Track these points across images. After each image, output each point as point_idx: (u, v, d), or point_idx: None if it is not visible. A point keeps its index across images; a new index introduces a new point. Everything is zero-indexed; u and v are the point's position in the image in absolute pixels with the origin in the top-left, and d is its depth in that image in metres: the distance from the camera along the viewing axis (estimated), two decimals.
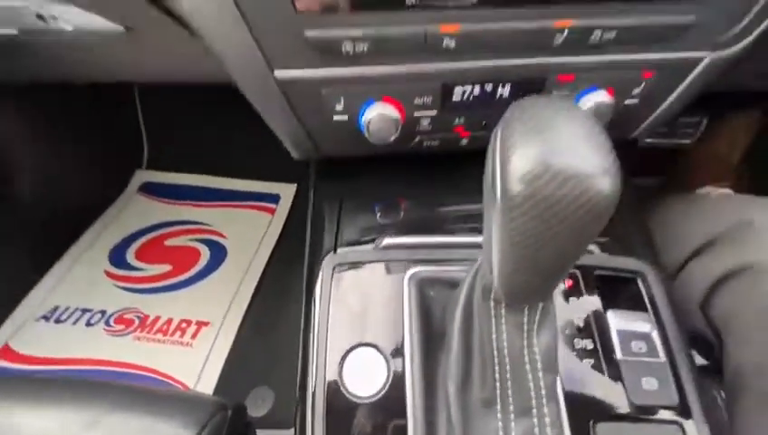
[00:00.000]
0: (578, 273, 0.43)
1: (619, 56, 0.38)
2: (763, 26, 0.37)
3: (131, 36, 0.42)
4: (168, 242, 1.15)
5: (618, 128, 0.45)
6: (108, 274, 1.06)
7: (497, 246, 0.26)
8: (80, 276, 1.04)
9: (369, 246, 0.42)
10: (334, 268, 0.41)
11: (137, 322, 0.96)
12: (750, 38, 0.38)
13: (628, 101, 0.42)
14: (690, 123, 1.12)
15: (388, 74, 0.37)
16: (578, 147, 0.22)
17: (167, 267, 1.08)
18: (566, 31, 0.35)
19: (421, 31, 0.34)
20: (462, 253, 0.41)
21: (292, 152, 0.45)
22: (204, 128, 1.25)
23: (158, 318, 0.96)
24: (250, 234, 1.16)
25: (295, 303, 0.49)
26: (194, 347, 0.91)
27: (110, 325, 0.95)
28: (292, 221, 1.21)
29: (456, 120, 0.42)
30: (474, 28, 0.34)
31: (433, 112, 0.41)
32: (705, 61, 0.39)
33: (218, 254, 1.13)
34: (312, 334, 0.39)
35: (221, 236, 1.16)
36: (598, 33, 0.36)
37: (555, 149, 0.22)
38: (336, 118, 0.40)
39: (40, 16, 0.38)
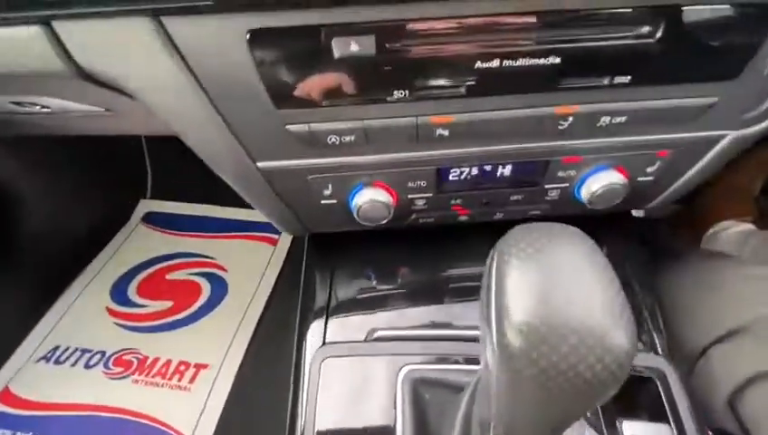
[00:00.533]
0: None
1: (631, 138, 0.35)
2: None
3: (116, 114, 0.40)
4: (170, 276, 1.14)
5: (629, 202, 0.41)
6: (109, 311, 1.05)
7: (494, 390, 0.23)
8: (81, 314, 1.03)
9: (361, 335, 0.40)
10: (323, 361, 0.38)
11: (135, 363, 0.94)
12: None
13: (641, 179, 0.39)
14: None
15: (377, 163, 0.35)
16: (586, 297, 0.19)
17: (168, 304, 1.07)
18: (571, 118, 0.32)
19: (412, 123, 0.32)
20: (463, 348, 0.38)
21: (279, 229, 0.43)
22: None
23: (156, 360, 0.95)
24: (252, 266, 1.14)
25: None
26: (192, 392, 0.89)
27: (108, 368, 0.94)
28: (294, 252, 1.19)
29: (454, 200, 0.39)
30: (468, 119, 0.32)
31: (428, 195, 0.38)
32: (727, 139, 0.36)
33: (219, 288, 1.12)
34: (298, 427, 0.37)
35: (222, 269, 1.14)
36: (606, 118, 0.33)
37: (557, 297, 0.19)
38: (324, 202, 0.38)
39: (17, 103, 0.37)
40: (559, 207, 0.41)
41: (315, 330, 0.41)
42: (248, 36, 0.26)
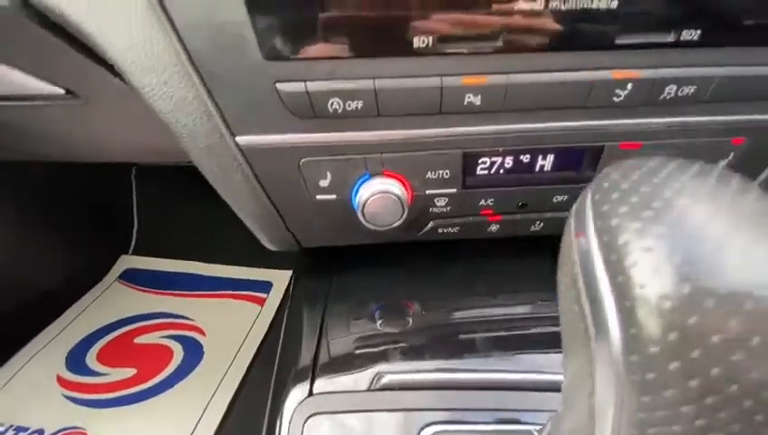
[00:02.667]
0: None
1: (701, 117, 0.29)
2: None
3: (85, 110, 0.34)
4: (139, 339, 0.99)
5: None
6: (60, 380, 0.89)
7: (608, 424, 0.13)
8: (27, 383, 0.88)
9: (363, 384, 0.28)
10: (308, 419, 0.27)
11: None
12: None
13: None
14: None
15: (389, 141, 0.27)
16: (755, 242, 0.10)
17: (130, 372, 0.91)
18: (630, 85, 0.26)
19: (436, 84, 0.25)
20: (500, 399, 0.27)
21: (264, 243, 0.34)
22: (199, 209, 1.17)
23: None
24: (234, 329, 1.01)
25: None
26: None
27: None
28: (283, 313, 1.06)
29: (483, 200, 0.31)
30: (505, 81, 0.25)
31: (452, 190, 0.30)
32: None
33: (193, 355, 0.97)
34: None
35: (200, 332, 1.01)
36: (672, 87, 0.27)
37: (718, 249, 0.10)
38: (320, 197, 0.29)
39: None
40: None
41: (299, 377, 0.30)
42: None
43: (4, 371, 0.90)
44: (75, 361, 0.94)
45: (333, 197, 0.30)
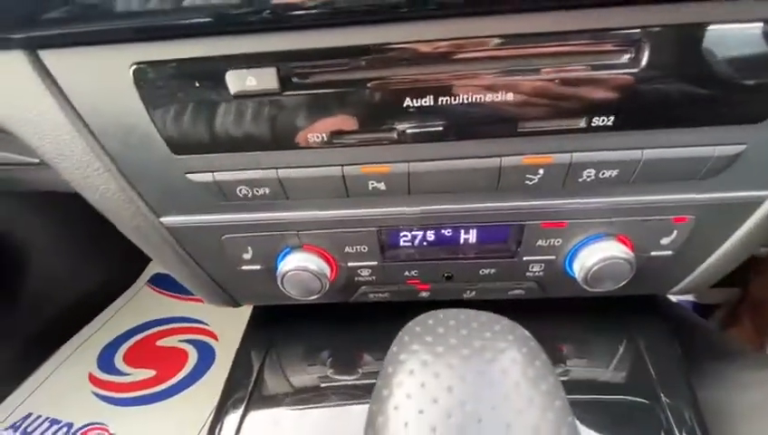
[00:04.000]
0: None
1: (631, 198, 0.27)
2: None
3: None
4: (160, 342, 1.08)
5: (645, 284, 0.31)
6: (91, 378, 0.99)
7: None
8: (62, 381, 0.98)
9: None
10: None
11: None
12: None
13: (655, 253, 0.29)
14: None
15: (303, 221, 0.28)
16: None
17: (150, 373, 1.00)
18: (541, 170, 0.25)
19: (337, 173, 0.26)
20: None
21: (205, 301, 0.36)
22: None
23: None
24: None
25: None
26: None
27: None
28: None
29: (407, 271, 0.31)
30: (408, 169, 0.25)
31: (373, 263, 0.31)
32: None
33: (207, 357, 1.04)
34: None
35: (213, 336, 1.07)
36: (590, 172, 0.25)
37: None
38: (245, 268, 0.31)
39: None
40: (549, 286, 0.32)
41: (228, 426, 0.32)
42: (133, 70, 0.23)
43: (45, 367, 1.01)
44: (106, 361, 1.03)
45: (258, 267, 0.31)
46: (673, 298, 0.84)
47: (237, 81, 0.22)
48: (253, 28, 0.21)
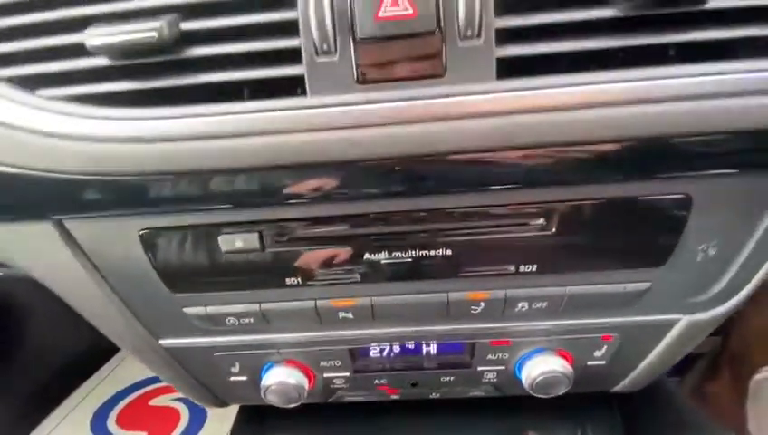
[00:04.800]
0: None
1: (563, 321, 0.31)
2: (748, 290, 0.29)
3: None
4: (153, 402, 1.09)
5: (591, 383, 0.35)
6: None
7: None
8: None
9: None
10: None
11: None
12: (735, 300, 0.30)
13: (591, 363, 0.33)
14: None
15: (284, 342, 0.33)
16: None
17: None
18: (482, 303, 0.30)
19: (311, 306, 0.30)
20: None
21: (195, 400, 0.40)
22: None
23: None
24: None
25: None
26: None
27: None
28: None
29: (377, 380, 0.35)
30: (370, 302, 0.30)
31: (346, 374, 0.35)
32: (682, 323, 0.31)
33: (198, 416, 1.04)
34: None
35: None
36: (524, 304, 0.30)
37: None
38: (233, 379, 0.35)
39: None
40: (504, 388, 0.36)
41: None
42: (140, 234, 0.28)
43: (40, 430, 1.01)
44: (98, 424, 1.04)
45: (244, 378, 0.35)
46: None
47: (227, 242, 0.27)
48: (241, 204, 0.26)
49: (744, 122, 0.21)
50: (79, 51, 0.22)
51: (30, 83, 0.24)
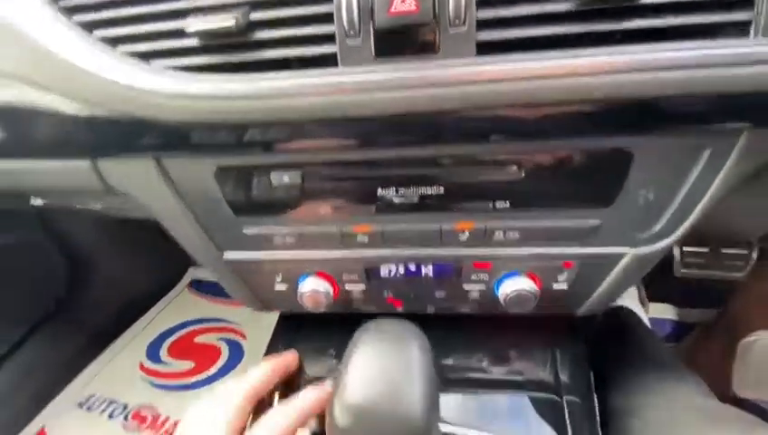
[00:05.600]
0: None
1: (531, 249, 0.40)
2: (685, 226, 0.37)
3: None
4: (198, 339, 1.25)
5: (557, 305, 0.44)
6: (141, 367, 1.17)
7: None
8: (117, 368, 1.17)
9: None
10: None
11: (149, 419, 1.02)
12: (674, 236, 0.38)
13: (556, 286, 0.42)
14: (738, 255, 1.00)
15: (315, 259, 0.43)
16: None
17: (190, 365, 1.17)
18: (467, 232, 0.39)
19: (337, 230, 0.40)
20: None
21: (246, 305, 0.51)
22: None
23: (167, 419, 1.02)
24: (269, 334, 1.22)
25: None
26: None
27: (126, 419, 1.03)
28: None
29: (385, 292, 0.45)
30: (382, 229, 0.40)
31: (362, 286, 0.45)
32: (628, 256, 0.39)
33: (236, 354, 1.20)
34: None
35: (241, 336, 1.24)
36: (500, 233, 0.39)
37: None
38: (277, 287, 0.46)
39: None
40: (484, 305, 0.45)
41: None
42: (215, 171, 0.38)
43: (103, 357, 1.20)
44: (153, 352, 1.21)
45: (285, 287, 0.46)
46: (645, 318, 0.94)
47: (277, 178, 0.37)
48: (283, 149, 0.36)
49: (671, 90, 0.28)
50: (181, 34, 0.32)
51: (146, 57, 0.33)
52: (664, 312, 1.16)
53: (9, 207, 0.58)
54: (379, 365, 0.25)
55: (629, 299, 0.93)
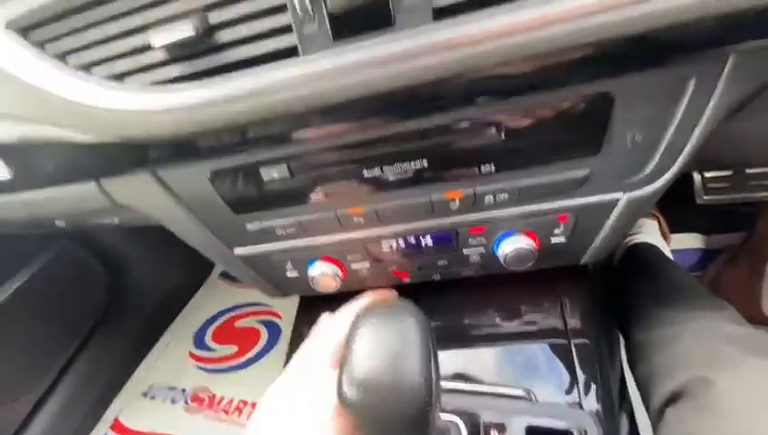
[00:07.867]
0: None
1: (524, 208, 0.40)
2: (676, 168, 0.36)
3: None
4: (238, 324, 1.34)
5: (559, 257, 0.45)
6: (191, 354, 1.28)
7: None
8: (170, 358, 1.27)
9: None
10: None
11: (206, 400, 1.12)
12: (666, 177, 0.37)
13: (554, 240, 0.42)
14: (764, 174, 0.95)
15: (318, 244, 0.45)
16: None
17: (234, 348, 1.26)
18: (458, 200, 0.39)
19: (333, 215, 0.42)
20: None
21: (265, 293, 0.54)
22: None
23: (222, 398, 1.12)
24: None
25: None
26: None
27: (187, 403, 1.13)
28: None
29: (390, 267, 0.47)
30: (375, 208, 0.41)
31: (367, 264, 0.47)
32: (623, 201, 0.39)
33: (275, 334, 1.28)
34: None
35: (277, 316, 1.31)
36: (490, 197, 0.39)
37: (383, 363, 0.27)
38: (289, 275, 0.48)
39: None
40: (487, 266, 0.46)
41: None
42: (209, 174, 0.40)
43: (155, 349, 1.30)
44: (199, 340, 1.31)
45: (296, 273, 0.48)
46: (668, 251, 0.92)
47: (266, 173, 0.39)
48: (266, 145, 0.37)
49: (637, 28, 0.27)
50: (149, 48, 0.33)
51: (121, 77, 0.35)
52: (689, 242, 1.13)
53: (39, 232, 0.62)
54: (381, 342, 0.27)
55: (650, 235, 0.91)
